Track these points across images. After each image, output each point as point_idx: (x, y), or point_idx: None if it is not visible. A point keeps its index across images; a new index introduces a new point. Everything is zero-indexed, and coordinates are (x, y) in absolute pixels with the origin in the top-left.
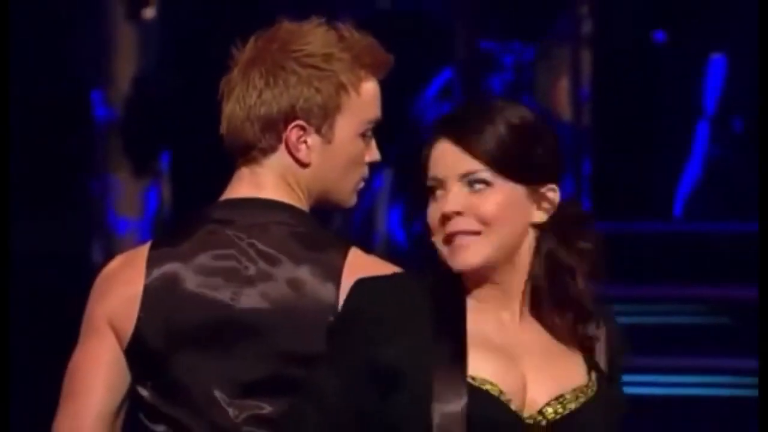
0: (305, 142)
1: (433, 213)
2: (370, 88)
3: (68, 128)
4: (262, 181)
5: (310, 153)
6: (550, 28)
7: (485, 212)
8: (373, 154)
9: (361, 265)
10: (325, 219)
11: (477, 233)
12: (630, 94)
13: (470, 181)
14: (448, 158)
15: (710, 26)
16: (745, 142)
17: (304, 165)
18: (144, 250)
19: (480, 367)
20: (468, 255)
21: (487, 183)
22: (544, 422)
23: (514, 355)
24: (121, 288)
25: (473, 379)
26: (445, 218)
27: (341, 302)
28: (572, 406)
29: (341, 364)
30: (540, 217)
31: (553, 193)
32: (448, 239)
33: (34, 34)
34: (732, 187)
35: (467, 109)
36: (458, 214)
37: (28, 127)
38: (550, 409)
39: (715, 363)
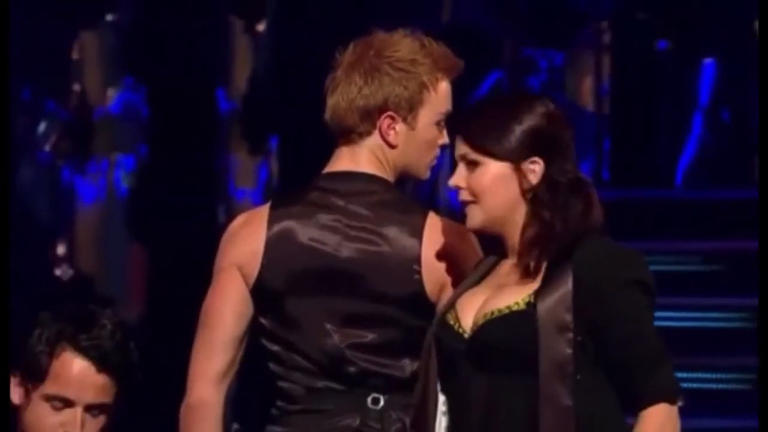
0: (394, 128)
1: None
2: (444, 87)
3: (199, 118)
4: (358, 158)
5: (397, 137)
6: (577, 39)
7: (475, 186)
8: (444, 139)
9: (437, 225)
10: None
11: (474, 202)
12: (640, 90)
13: (466, 161)
14: (457, 144)
15: (703, 37)
16: (731, 128)
17: (392, 146)
18: (264, 210)
19: (462, 299)
20: (469, 220)
21: (477, 163)
22: (466, 335)
23: (495, 285)
24: (247, 240)
25: (450, 308)
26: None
27: (423, 254)
28: (481, 322)
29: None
30: (527, 185)
31: (536, 166)
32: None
33: (174, 44)
34: (720, 163)
35: (471, 106)
36: (460, 187)
37: (170, 117)
38: (471, 325)
39: (712, 302)
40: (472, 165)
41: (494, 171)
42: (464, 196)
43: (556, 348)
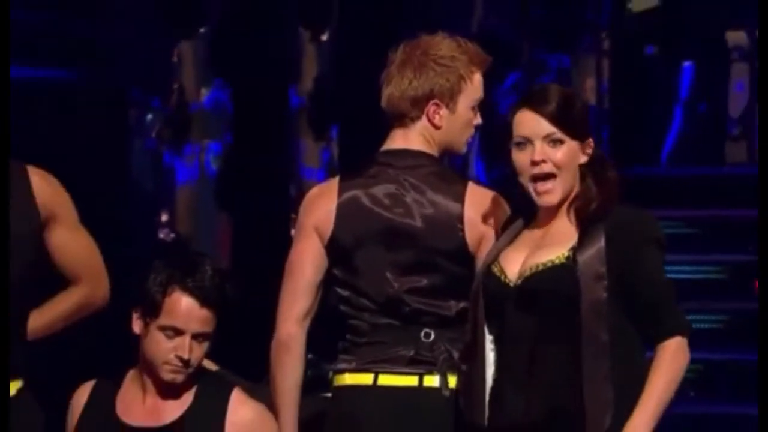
0: (438, 113)
1: (523, 160)
2: (478, 78)
3: (274, 111)
4: (410, 138)
5: (441, 120)
6: (581, 45)
7: (559, 161)
8: (478, 120)
9: (476, 191)
10: None
11: (553, 176)
12: (632, 88)
13: (551, 140)
14: (533, 124)
15: (683, 45)
16: (705, 119)
17: (437, 128)
18: (335, 182)
19: (504, 254)
20: (551, 197)
21: (561, 141)
22: (512, 284)
23: (532, 243)
24: (322, 206)
25: (495, 261)
26: (534, 164)
27: (465, 215)
28: (528, 273)
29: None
30: (584, 160)
31: (592, 143)
32: (534, 178)
33: (254, 51)
34: (697, 146)
35: (540, 92)
36: (543, 162)
37: (251, 110)
38: (517, 276)
39: (691, 258)
40: (556, 143)
41: (572, 148)
42: (547, 169)
43: (594, 293)
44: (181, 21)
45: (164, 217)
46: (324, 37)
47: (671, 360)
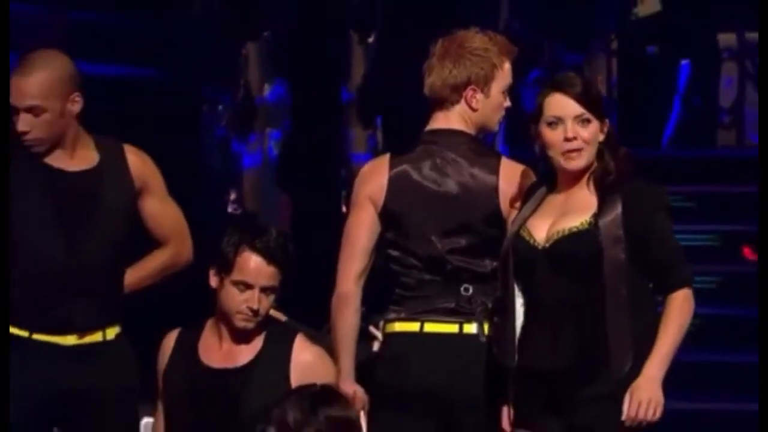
0: (475, 97)
1: (556, 137)
2: (508, 66)
3: (327, 103)
4: (450, 119)
5: (477, 103)
6: (593, 45)
7: (587, 137)
8: (507, 103)
9: (508, 165)
10: None
11: (581, 150)
12: (636, 82)
13: (580, 119)
14: (564, 105)
15: (681, 45)
16: (699, 109)
17: (474, 110)
18: (385, 159)
19: (531, 220)
20: (578, 162)
21: (589, 120)
22: (540, 246)
23: (556, 210)
24: (376, 179)
25: (522, 226)
26: (566, 140)
27: (500, 186)
28: (555, 237)
29: None
30: (602, 138)
31: (609, 124)
32: (564, 154)
33: (310, 52)
34: (692, 132)
35: (566, 78)
36: (574, 138)
37: (307, 103)
38: (545, 239)
39: (688, 227)
40: (584, 122)
41: (595, 126)
42: (576, 144)
43: (614, 254)
44: (246, 27)
45: (232, 196)
46: (370, 40)
47: (680, 309)
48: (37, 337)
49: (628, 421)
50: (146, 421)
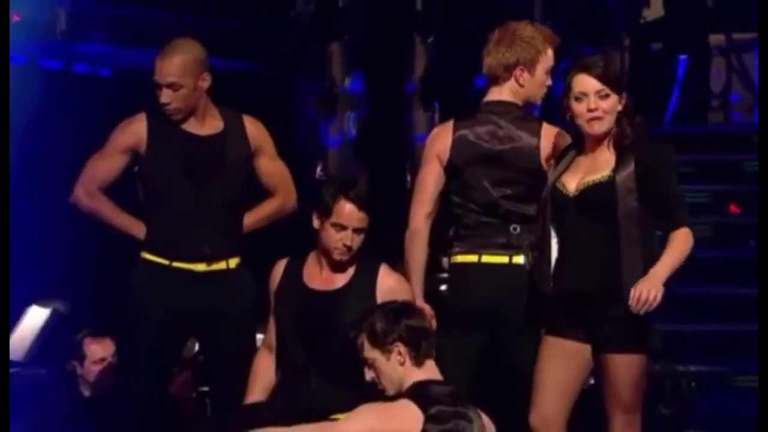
0: (523, 76)
1: (581, 109)
2: (550, 52)
3: (394, 93)
4: (502, 93)
5: (524, 81)
6: (607, 42)
7: (607, 109)
8: (549, 81)
9: (548, 128)
10: None
11: (601, 118)
12: (643, 73)
13: (601, 94)
14: (587, 82)
15: (681, 43)
16: (696, 94)
17: (521, 86)
18: (450, 124)
19: (564, 175)
20: (600, 128)
21: (608, 95)
22: (571, 195)
23: (584, 167)
24: (442, 140)
25: (557, 179)
26: (590, 111)
27: (541, 145)
28: (582, 188)
29: None
30: (620, 108)
31: (625, 96)
32: (588, 122)
33: (381, 50)
34: (689, 112)
35: (590, 61)
36: (596, 109)
37: (379, 92)
38: (574, 190)
39: (687, 188)
40: (605, 96)
41: (614, 99)
42: (598, 114)
43: (628, 203)
44: (330, 31)
45: (319, 167)
46: (429, 40)
47: (681, 240)
48: (175, 264)
49: (633, 302)
50: (260, 336)
